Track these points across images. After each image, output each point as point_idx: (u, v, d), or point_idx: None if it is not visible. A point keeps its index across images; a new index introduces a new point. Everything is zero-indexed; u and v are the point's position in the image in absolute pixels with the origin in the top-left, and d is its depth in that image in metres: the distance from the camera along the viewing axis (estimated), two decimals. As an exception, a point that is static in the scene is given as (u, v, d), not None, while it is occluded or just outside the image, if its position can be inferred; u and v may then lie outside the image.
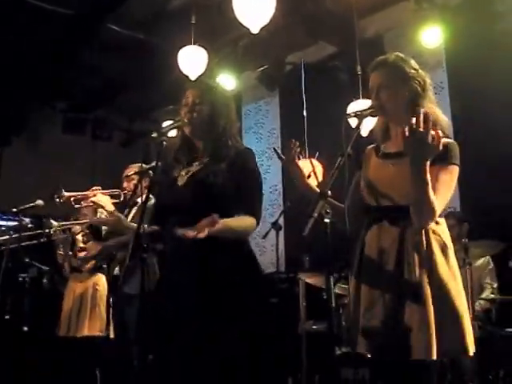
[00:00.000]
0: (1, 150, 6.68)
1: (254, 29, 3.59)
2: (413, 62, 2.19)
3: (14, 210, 4.26)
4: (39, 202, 4.40)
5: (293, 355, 4.21)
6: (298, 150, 2.34)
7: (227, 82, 5.33)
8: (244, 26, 3.61)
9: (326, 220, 1.95)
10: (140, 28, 5.31)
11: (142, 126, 7.13)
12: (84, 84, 6.27)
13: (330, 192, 1.97)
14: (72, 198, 3.93)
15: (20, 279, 4.33)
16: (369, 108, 2.17)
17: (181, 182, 2.39)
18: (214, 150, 2.37)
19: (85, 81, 6.17)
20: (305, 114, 5.08)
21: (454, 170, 2.05)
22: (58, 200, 3.92)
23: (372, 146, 2.29)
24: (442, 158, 1.99)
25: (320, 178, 5.20)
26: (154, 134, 2.28)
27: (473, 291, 3.66)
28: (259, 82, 5.50)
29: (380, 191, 2.11)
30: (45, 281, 4.56)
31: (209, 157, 2.39)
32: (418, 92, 2.14)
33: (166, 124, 2.38)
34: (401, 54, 2.21)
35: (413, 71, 2.17)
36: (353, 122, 2.17)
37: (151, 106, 6.52)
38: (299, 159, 2.36)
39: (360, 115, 2.13)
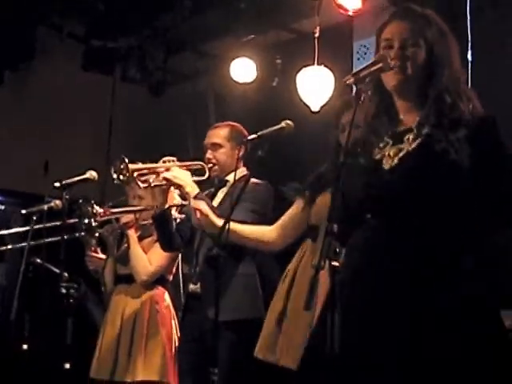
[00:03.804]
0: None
1: None
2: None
3: (57, 184, 3.60)
4: (91, 173, 3.79)
5: None
6: None
7: (347, 2, 4.54)
8: None
9: None
10: None
11: (185, 62, 6.33)
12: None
13: None
14: (136, 173, 3.30)
15: (63, 291, 3.71)
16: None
17: (387, 165, 2.07)
18: (438, 113, 2.04)
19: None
20: (469, 56, 4.29)
21: None
22: (117, 176, 3.28)
23: None
24: None
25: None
26: (349, 80, 1.96)
27: None
28: (391, 4, 4.62)
29: None
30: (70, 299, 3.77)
31: (429, 125, 2.04)
32: None
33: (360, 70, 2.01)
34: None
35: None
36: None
37: (207, 30, 5.70)
38: None
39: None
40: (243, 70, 5.59)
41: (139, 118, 6.64)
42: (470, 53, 4.39)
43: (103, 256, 4.14)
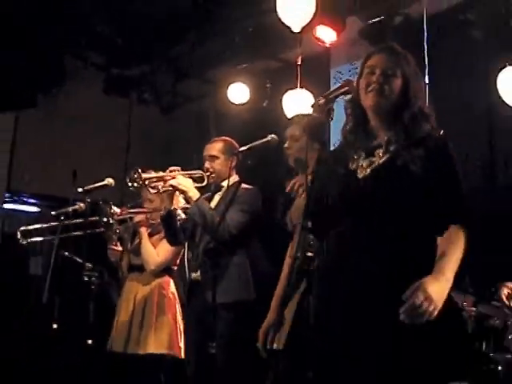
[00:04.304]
0: (17, 114, 6.27)
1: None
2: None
3: (80, 190, 3.87)
4: (109, 180, 4.04)
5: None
6: None
7: (324, 35, 4.91)
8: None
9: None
10: None
11: (190, 87, 6.70)
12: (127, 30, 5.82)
13: None
14: (147, 182, 3.62)
15: (85, 278, 3.96)
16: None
17: (361, 174, 2.23)
18: (405, 134, 2.23)
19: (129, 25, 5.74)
20: (427, 80, 4.22)
21: None
22: (131, 184, 3.58)
23: None
24: None
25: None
26: (321, 101, 2.17)
27: None
28: (362, 37, 5.07)
29: None
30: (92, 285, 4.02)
31: (396, 143, 2.23)
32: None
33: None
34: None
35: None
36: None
37: (208, 60, 6.08)
38: None
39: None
40: (238, 93, 6.00)
41: (152, 133, 6.94)
42: (427, 77, 4.78)
43: (121, 249, 4.44)
